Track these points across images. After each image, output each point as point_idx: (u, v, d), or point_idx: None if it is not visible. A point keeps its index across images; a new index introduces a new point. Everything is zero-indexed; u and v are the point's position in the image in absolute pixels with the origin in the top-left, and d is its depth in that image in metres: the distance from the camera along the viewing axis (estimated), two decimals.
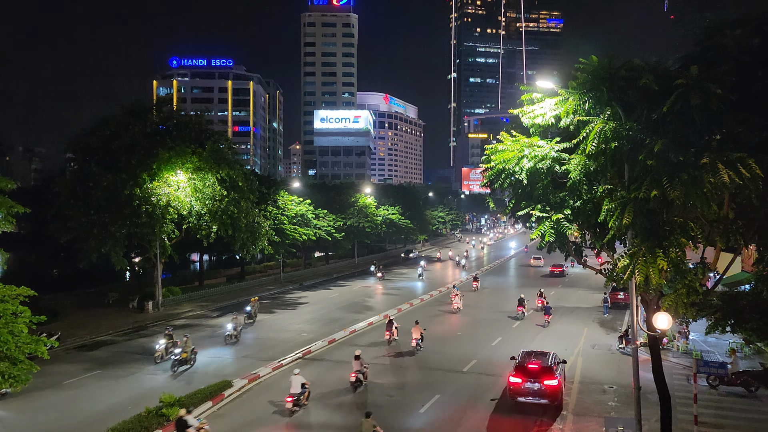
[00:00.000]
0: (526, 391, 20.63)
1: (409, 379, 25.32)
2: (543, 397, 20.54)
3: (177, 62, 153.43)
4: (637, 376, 15.48)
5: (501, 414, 20.82)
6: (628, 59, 14.18)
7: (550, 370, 20.89)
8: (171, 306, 43.88)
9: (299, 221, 58.24)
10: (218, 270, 66.31)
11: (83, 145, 41.64)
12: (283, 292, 52.43)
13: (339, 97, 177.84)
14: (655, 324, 15.03)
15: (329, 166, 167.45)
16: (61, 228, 39.14)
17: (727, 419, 20.23)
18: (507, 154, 15.07)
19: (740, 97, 13.18)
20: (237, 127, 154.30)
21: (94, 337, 33.88)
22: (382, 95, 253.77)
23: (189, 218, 40.87)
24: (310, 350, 29.98)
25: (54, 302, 42.11)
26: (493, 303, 45.50)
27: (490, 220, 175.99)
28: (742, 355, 28.50)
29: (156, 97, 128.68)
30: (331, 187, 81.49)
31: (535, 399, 20.61)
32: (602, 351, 30.15)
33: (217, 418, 20.63)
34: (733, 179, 11.74)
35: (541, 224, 14.91)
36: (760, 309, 25.64)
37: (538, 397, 20.56)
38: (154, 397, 20.73)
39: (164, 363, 27.52)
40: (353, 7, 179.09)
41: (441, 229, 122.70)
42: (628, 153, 13.41)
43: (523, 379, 20.72)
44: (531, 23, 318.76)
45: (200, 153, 40.57)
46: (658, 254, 12.81)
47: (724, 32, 14.09)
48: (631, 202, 12.94)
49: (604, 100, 13.84)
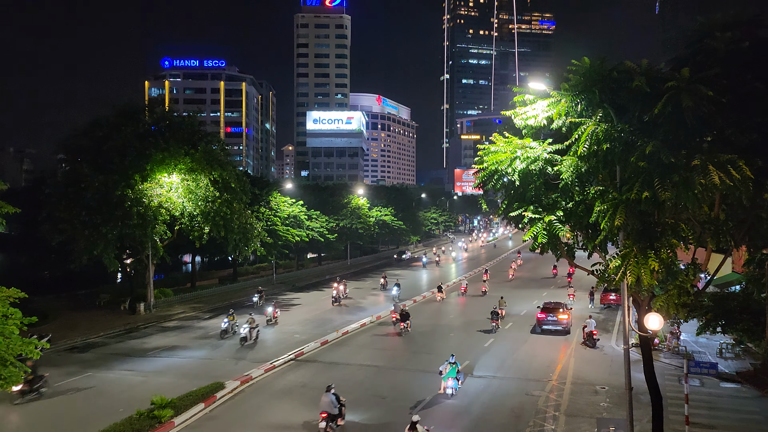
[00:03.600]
0: (547, 322, 34.55)
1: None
2: (557, 325, 34.30)
3: (169, 63, 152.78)
4: (629, 377, 15.54)
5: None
6: (619, 61, 14.24)
7: (561, 310, 34.77)
8: (163, 307, 43.70)
9: (292, 222, 58.16)
10: (210, 271, 66.11)
11: (75, 146, 41.44)
12: (276, 294, 52.31)
13: (332, 99, 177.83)
14: (647, 325, 15.09)
15: (322, 167, 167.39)
16: (53, 229, 38.86)
17: (719, 419, 20.35)
18: (499, 155, 15.10)
19: (731, 99, 13.27)
20: (229, 128, 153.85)
21: (86, 339, 33.69)
22: (375, 96, 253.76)
23: (181, 219, 40.75)
24: (303, 352, 29.92)
25: (45, 304, 41.82)
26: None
27: (483, 221, 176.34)
28: (733, 355, 28.71)
29: (148, 97, 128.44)
30: (324, 189, 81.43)
31: (552, 326, 34.24)
32: (594, 352, 30.26)
33: (209, 420, 20.57)
34: (723, 181, 11.83)
35: (534, 225, 14.95)
36: (750, 309, 25.98)
37: (555, 325, 34.27)
38: (145, 400, 20.63)
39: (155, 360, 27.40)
40: (346, 8, 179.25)
41: (434, 230, 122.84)
42: (619, 154, 13.47)
43: (546, 315, 34.52)
44: (523, 25, 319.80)
45: (193, 154, 40.44)
46: (649, 255, 12.88)
47: (714, 35, 14.17)
48: (622, 204, 12.99)
49: (596, 101, 13.91)
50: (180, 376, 25.85)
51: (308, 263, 77.80)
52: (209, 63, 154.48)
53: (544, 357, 29.33)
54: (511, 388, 24.11)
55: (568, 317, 34.76)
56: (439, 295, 47.44)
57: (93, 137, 40.22)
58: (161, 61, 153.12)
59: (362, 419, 20.42)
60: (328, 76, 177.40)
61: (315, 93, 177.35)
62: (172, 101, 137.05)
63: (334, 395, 18.73)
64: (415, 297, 48.82)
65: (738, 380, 24.82)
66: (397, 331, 34.94)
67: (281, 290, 54.73)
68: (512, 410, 21.39)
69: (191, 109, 56.20)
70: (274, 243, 54.14)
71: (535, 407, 21.66)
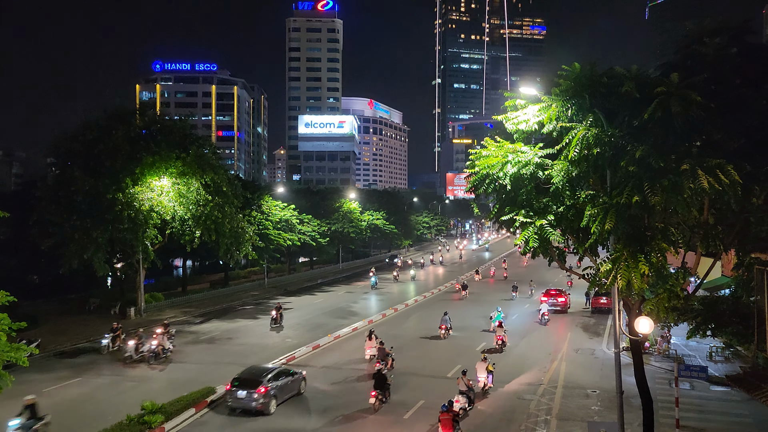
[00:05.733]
0: (548, 303, 41.69)
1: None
2: (557, 305, 43.28)
3: (161, 66, 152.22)
4: (620, 381, 15.61)
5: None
6: (609, 66, 14.38)
7: (560, 294, 44.18)
8: (154, 312, 43.44)
9: (284, 226, 57.98)
10: (202, 276, 65.79)
11: (65, 149, 41.13)
12: (267, 298, 52.14)
13: (324, 102, 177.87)
14: (637, 328, 15.16)
15: (314, 171, 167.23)
16: (42, 233, 38.55)
17: (709, 422, 20.46)
18: (491, 159, 15.16)
19: (719, 104, 13.41)
20: (221, 131, 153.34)
21: (75, 344, 33.43)
22: (367, 100, 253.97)
23: (172, 223, 40.54)
24: (294, 356, 29.83)
25: (34, 309, 41.44)
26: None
27: (475, 226, 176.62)
28: (722, 359, 28.88)
29: (139, 101, 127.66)
30: (316, 192, 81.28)
31: (553, 307, 42.52)
32: (585, 355, 30.37)
33: (200, 425, 20.45)
34: (712, 185, 11.93)
35: (525, 230, 15.01)
36: (739, 313, 26.15)
37: (554, 306, 42.96)
38: (135, 405, 20.49)
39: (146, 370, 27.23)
40: (338, 12, 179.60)
41: (426, 235, 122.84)
42: (610, 159, 13.56)
43: (548, 297, 43.27)
44: (514, 30, 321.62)
45: (184, 158, 40.27)
46: (639, 259, 12.95)
47: (703, 41, 14.33)
48: (613, 208, 13.07)
49: (586, 106, 14.01)
50: (171, 381, 25.70)
51: (300, 267, 77.57)
52: (201, 66, 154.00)
53: (535, 360, 29.40)
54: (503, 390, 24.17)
55: (565, 300, 44.23)
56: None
57: (84, 140, 39.93)
58: (152, 65, 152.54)
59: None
60: (320, 80, 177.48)
61: (307, 97, 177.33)
62: (163, 105, 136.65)
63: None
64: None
65: (728, 383, 24.98)
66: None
67: (273, 294, 54.54)
68: (504, 414, 21.42)
69: (183, 112, 55.82)
70: (266, 247, 53.98)
71: (526, 411, 21.70)
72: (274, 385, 21.74)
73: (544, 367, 28.14)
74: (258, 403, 20.97)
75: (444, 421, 17.51)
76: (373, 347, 28.18)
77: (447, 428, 17.43)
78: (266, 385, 21.39)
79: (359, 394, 23.53)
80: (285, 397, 22.51)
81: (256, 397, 20.95)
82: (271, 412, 21.37)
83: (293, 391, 23.16)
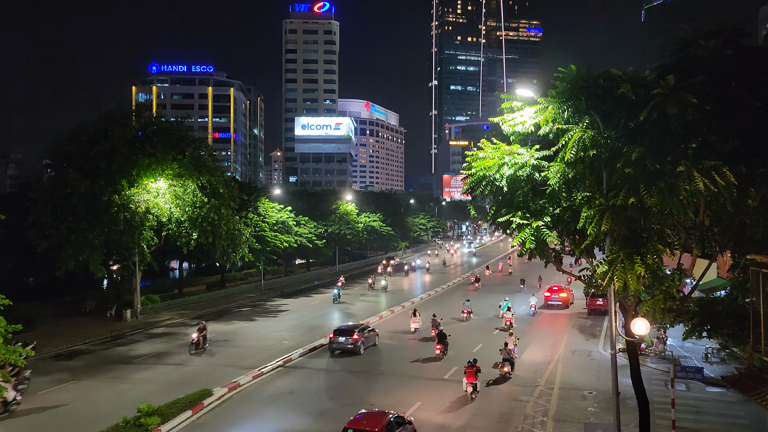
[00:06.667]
0: (552, 299, 46.56)
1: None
2: (558, 301, 46.31)
3: (157, 68, 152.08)
4: (616, 382, 15.63)
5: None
6: (606, 69, 14.43)
7: (562, 290, 46.94)
8: (150, 314, 43.34)
9: (280, 228, 57.92)
10: (198, 278, 65.66)
11: (61, 151, 41.04)
12: (264, 300, 52.08)
13: (320, 104, 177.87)
14: (634, 330, 15.19)
15: (310, 173, 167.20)
16: (38, 235, 38.38)
17: (705, 423, 20.51)
18: (488, 161, 15.19)
19: (715, 106, 13.46)
20: (217, 133, 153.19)
21: (71, 346, 33.32)
22: (364, 102, 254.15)
23: (169, 225, 40.44)
24: (291, 358, 29.80)
25: (30, 311, 41.34)
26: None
27: (471, 227, 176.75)
28: (718, 360, 28.94)
29: (135, 103, 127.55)
30: (312, 194, 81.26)
31: (555, 302, 46.20)
32: (582, 357, 30.40)
33: (197, 428, 20.41)
34: (708, 187, 11.97)
35: (522, 231, 15.03)
36: (735, 314, 26.17)
37: (557, 301, 46.26)
38: (132, 407, 20.44)
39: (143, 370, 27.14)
40: (335, 14, 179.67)
41: (422, 236, 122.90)
42: (606, 161, 13.60)
43: (551, 293, 46.59)
44: (511, 32, 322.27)
45: (180, 159, 40.23)
46: (636, 261, 12.99)
47: (699, 43, 14.39)
48: (609, 210, 13.11)
49: (582, 108, 14.04)
50: (167, 383, 25.64)
51: (297, 269, 77.52)
52: (197, 68, 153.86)
53: (531, 361, 29.45)
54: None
55: (567, 296, 46.92)
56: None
57: (79, 142, 39.87)
58: (149, 67, 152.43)
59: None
60: (317, 82, 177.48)
61: (303, 99, 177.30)
62: (159, 106, 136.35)
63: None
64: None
65: (723, 384, 25.03)
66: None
67: (270, 296, 54.46)
68: (501, 415, 21.43)
69: (179, 114, 55.85)
70: (262, 249, 53.92)
71: (523, 412, 21.72)
72: (362, 335, 30.99)
73: (540, 368, 28.16)
74: (354, 345, 30.21)
75: (468, 372, 23.12)
76: (417, 322, 36.54)
77: (471, 377, 23.05)
78: (358, 334, 30.71)
79: (354, 396, 23.57)
80: (368, 345, 31.72)
81: (352, 342, 30.23)
82: (361, 353, 30.42)
83: (372, 342, 32.41)
